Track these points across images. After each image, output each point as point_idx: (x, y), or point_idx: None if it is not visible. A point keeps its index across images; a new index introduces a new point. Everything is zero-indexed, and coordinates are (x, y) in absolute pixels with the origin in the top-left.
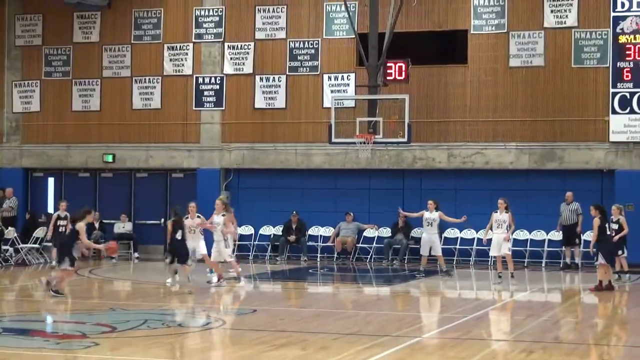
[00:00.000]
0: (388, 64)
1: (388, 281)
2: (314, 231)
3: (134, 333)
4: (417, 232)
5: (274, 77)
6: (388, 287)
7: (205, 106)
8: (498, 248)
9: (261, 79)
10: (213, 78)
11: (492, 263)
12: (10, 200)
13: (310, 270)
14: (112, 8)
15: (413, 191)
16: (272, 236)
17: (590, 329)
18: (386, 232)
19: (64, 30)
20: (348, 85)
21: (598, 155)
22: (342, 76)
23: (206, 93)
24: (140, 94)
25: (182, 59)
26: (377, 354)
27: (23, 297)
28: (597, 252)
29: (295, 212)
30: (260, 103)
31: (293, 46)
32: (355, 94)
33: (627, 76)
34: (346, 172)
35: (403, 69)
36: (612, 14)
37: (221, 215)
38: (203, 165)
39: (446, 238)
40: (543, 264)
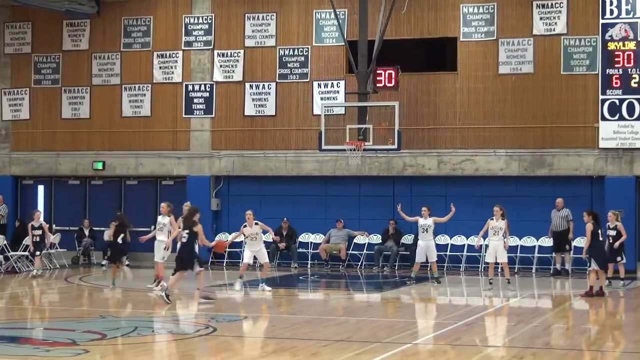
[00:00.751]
0: (378, 71)
1: (378, 288)
2: (305, 238)
3: (124, 340)
4: (408, 239)
5: (264, 85)
6: (379, 294)
7: (195, 113)
8: (494, 255)
9: (251, 87)
10: (203, 85)
11: (484, 269)
12: None
13: (300, 277)
14: (102, 16)
15: (403, 198)
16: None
17: (580, 335)
18: (376, 239)
19: (54, 38)
20: (338, 92)
21: (588, 161)
22: (332, 83)
23: (196, 100)
24: (130, 102)
25: (172, 67)
26: None
27: (13, 305)
28: (590, 258)
29: (285, 219)
30: (250, 110)
31: (283, 53)
32: (345, 101)
33: (617, 83)
34: (336, 179)
35: (393, 76)
36: (601, 21)
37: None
38: (193, 172)
39: (437, 245)
40: (533, 270)
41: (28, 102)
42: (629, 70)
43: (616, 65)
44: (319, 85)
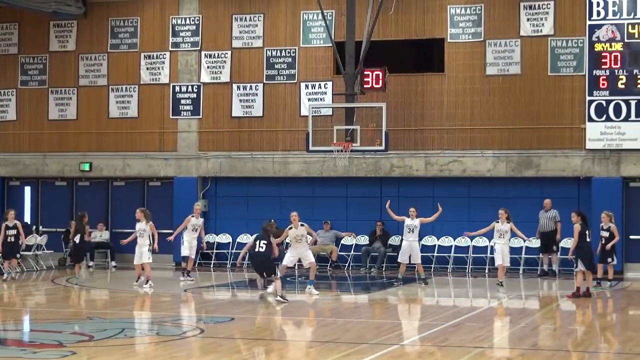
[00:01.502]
0: (365, 72)
1: (366, 289)
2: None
3: (112, 342)
4: (395, 240)
5: (251, 86)
6: (366, 295)
7: (182, 115)
8: (501, 257)
9: (238, 88)
10: (190, 86)
11: (470, 270)
12: None
13: (287, 278)
14: (89, 17)
15: (391, 199)
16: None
17: (568, 336)
18: (364, 240)
19: (40, 39)
20: (325, 93)
21: (575, 162)
22: (320, 84)
23: (183, 101)
24: (117, 103)
25: (159, 68)
26: None
27: None
28: (577, 259)
29: (272, 220)
30: (237, 111)
31: (270, 54)
32: (332, 102)
33: (603, 84)
34: (324, 180)
35: (380, 77)
36: (588, 22)
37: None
38: (180, 173)
39: (424, 245)
40: (520, 271)
41: (15, 103)
42: (616, 71)
43: (603, 66)
44: (307, 86)
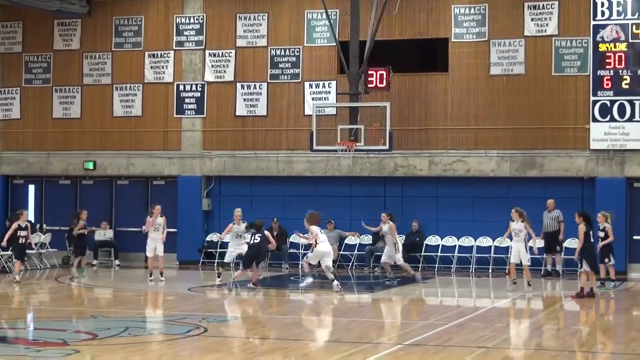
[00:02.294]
0: (369, 72)
1: (369, 288)
2: (296, 238)
3: (115, 340)
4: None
5: (255, 85)
6: (369, 294)
7: (186, 113)
8: (517, 256)
9: (242, 87)
10: (194, 85)
11: (474, 270)
12: None
13: (291, 277)
14: (93, 15)
15: (394, 198)
16: None
17: (572, 336)
18: (367, 240)
19: (45, 37)
20: (329, 92)
21: (579, 162)
22: (323, 84)
23: (187, 100)
24: (121, 101)
25: (163, 67)
26: None
27: (3, 305)
28: (582, 259)
29: (276, 220)
30: (241, 110)
31: (274, 54)
32: (336, 102)
33: (608, 84)
34: (327, 180)
35: (384, 77)
36: (592, 22)
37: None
38: (184, 172)
39: (427, 245)
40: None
41: (19, 102)
42: (620, 71)
43: (607, 66)
44: (311, 85)
